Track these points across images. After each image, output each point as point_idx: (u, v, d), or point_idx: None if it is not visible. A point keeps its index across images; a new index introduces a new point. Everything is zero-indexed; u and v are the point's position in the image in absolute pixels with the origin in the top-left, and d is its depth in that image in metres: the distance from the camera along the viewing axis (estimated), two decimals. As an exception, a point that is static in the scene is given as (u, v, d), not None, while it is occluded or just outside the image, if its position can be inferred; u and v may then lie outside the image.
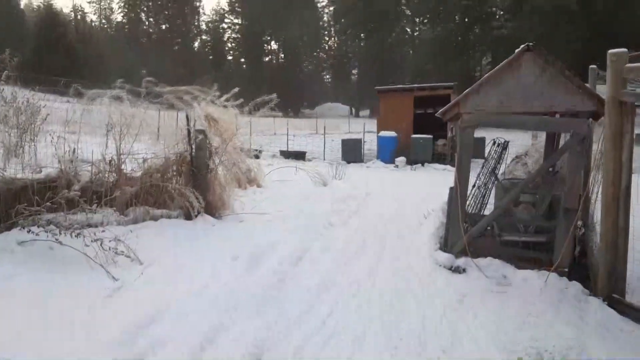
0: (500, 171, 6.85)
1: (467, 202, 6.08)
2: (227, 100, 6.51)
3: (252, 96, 7.15)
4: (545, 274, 5.06)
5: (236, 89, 6.55)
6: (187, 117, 6.31)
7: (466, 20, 50.67)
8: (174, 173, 6.61)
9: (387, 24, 58.15)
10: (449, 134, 17.21)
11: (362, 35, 62.92)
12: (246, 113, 7.41)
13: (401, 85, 20.20)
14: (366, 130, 21.61)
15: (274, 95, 6.96)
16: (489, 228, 5.74)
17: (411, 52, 61.56)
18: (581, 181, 5.16)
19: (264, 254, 4.98)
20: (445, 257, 5.55)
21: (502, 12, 47.13)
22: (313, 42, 69.01)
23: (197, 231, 5.72)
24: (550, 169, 6.92)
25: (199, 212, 6.08)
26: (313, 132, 31.51)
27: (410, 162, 16.52)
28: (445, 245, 5.82)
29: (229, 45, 73.13)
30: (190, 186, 6.28)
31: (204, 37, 74.04)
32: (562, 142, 7.36)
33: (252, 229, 6.10)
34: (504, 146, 6.06)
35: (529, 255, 5.45)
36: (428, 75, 43.49)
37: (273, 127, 30.22)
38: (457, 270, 5.39)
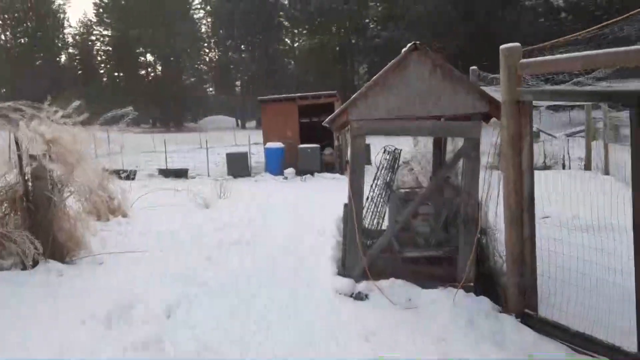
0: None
1: (364, 217, 5.52)
2: (67, 116, 5.23)
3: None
4: (452, 292, 4.65)
5: (77, 102, 5.29)
6: (16, 140, 4.95)
7: (342, 31, 52.23)
8: (6, 212, 5.19)
9: (267, 35, 58.11)
10: (336, 143, 17.01)
11: (242, 47, 62.12)
12: (108, 129, 6.19)
13: (284, 95, 19.64)
14: (253, 142, 20.72)
15: (130, 109, 5.83)
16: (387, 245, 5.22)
17: (292, 62, 62.09)
18: (478, 188, 4.84)
19: (125, 313, 3.90)
20: (344, 283, 4.91)
21: (375, 22, 49.23)
22: (193, 54, 66.53)
23: (34, 287, 4.42)
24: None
25: (36, 261, 4.76)
26: (197, 147, 29.79)
27: (300, 172, 15.98)
28: (344, 267, 5.20)
29: (100, 58, 67.72)
30: (25, 227, 4.94)
31: (70, 50, 67.77)
32: (449, 146, 7.19)
33: (113, 275, 4.92)
34: (396, 155, 5.60)
35: (433, 271, 5.02)
36: (310, 86, 43.84)
37: (152, 144, 27.98)
38: (359, 297, 4.78)
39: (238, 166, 16.79)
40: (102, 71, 67.83)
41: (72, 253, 5.38)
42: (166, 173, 16.90)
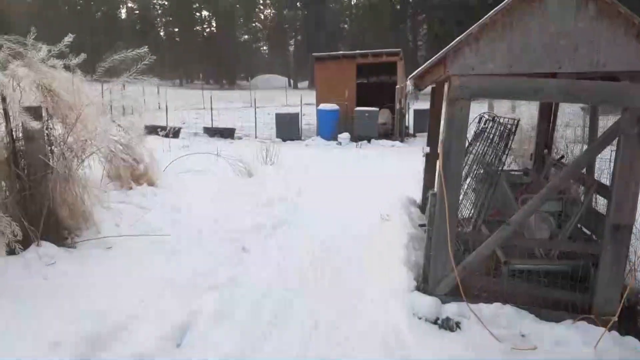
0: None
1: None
2: (60, 57, 3.96)
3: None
4: (588, 331, 3.20)
5: (70, 37, 3.99)
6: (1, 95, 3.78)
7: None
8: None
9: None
10: (397, 106, 15.30)
11: (298, 4, 59.83)
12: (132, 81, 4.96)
13: (341, 52, 17.89)
14: (304, 102, 19.29)
15: (144, 49, 4.51)
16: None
17: (348, 21, 59.39)
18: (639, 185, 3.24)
19: (111, 339, 2.69)
20: (426, 303, 3.52)
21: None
22: (248, 10, 65.02)
23: (14, 280, 3.31)
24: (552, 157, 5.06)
25: (27, 243, 3.65)
26: (247, 105, 28.70)
27: (355, 138, 14.47)
28: (425, 280, 3.79)
29: (158, 12, 67.54)
30: (13, 200, 3.82)
31: (129, 4, 68.01)
32: (559, 116, 5.50)
33: (116, 269, 3.75)
34: (510, 127, 4.03)
35: (556, 295, 3.53)
36: (367, 47, 41.48)
37: (202, 100, 27.09)
38: (447, 325, 3.40)
39: (288, 128, 15.49)
40: (159, 26, 67.79)
41: (75, 233, 4.27)
42: (212, 132, 15.84)
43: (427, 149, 6.10)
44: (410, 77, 3.39)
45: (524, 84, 3.23)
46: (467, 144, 3.91)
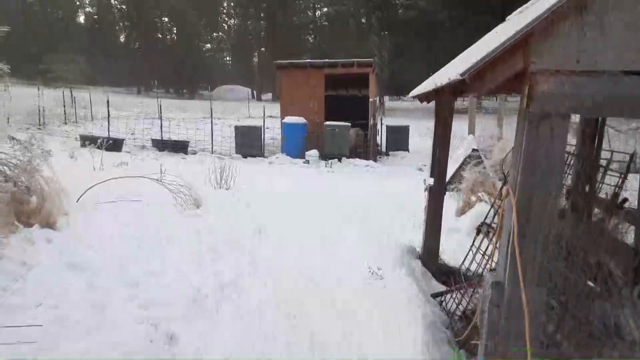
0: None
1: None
2: None
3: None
4: None
5: None
6: None
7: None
8: None
9: (288, 2, 54.38)
10: (371, 121, 13.92)
11: (262, 14, 58.45)
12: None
13: (309, 60, 16.41)
14: (268, 115, 17.65)
15: None
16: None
17: (312, 33, 58.48)
18: None
19: None
20: None
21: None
22: (211, 20, 63.27)
23: None
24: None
25: None
26: (207, 116, 26.79)
27: (325, 156, 12.95)
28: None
29: (115, 17, 64.76)
30: None
31: (87, 9, 65.28)
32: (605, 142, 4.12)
33: None
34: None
35: None
36: (333, 59, 40.23)
37: (158, 110, 24.96)
38: None
39: (249, 143, 13.83)
40: (118, 33, 65.07)
41: None
42: (161, 145, 13.97)
43: (431, 181, 4.63)
44: (462, 72, 1.85)
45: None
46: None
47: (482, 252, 3.57)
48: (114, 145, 12.57)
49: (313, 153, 12.88)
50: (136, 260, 4.01)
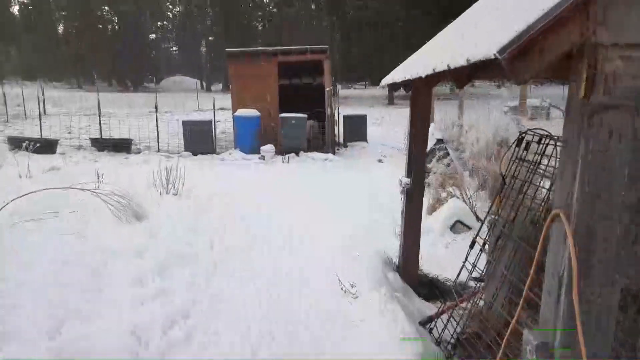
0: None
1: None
2: None
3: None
4: None
5: None
6: None
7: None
8: None
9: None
10: (328, 111, 13.30)
11: (208, 1, 56.39)
12: None
13: (261, 48, 15.51)
14: (219, 107, 16.68)
15: None
16: None
17: (261, 20, 57.11)
18: None
19: None
20: None
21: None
22: (155, 8, 60.49)
23: None
24: None
25: None
26: (153, 111, 25.36)
27: (281, 151, 12.24)
28: None
29: (52, 6, 60.60)
30: None
31: (21, -1, 60.75)
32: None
33: None
34: None
35: None
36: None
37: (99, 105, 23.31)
38: None
39: (198, 139, 12.90)
40: (55, 23, 60.93)
41: None
42: (101, 145, 12.79)
43: (407, 181, 4.07)
44: (500, 49, 1.25)
45: None
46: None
47: (476, 267, 3.05)
48: (47, 147, 11.36)
49: (268, 148, 12.14)
50: (55, 296, 3.22)
